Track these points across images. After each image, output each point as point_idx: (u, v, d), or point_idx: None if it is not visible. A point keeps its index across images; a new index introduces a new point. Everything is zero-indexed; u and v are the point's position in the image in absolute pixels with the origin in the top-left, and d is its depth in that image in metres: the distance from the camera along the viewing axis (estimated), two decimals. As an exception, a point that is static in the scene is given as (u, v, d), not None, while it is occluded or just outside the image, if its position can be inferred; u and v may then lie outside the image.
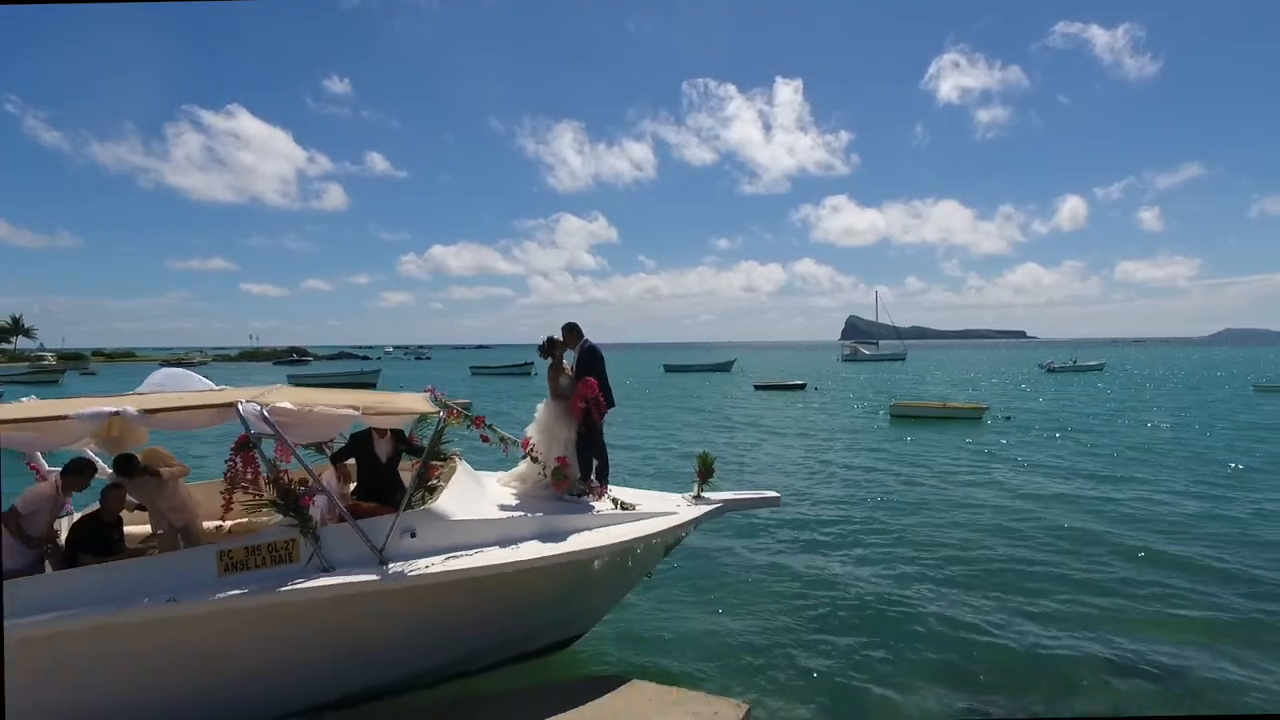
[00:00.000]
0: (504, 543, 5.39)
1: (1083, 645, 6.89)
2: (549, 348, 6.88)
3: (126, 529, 5.70)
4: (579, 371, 6.76)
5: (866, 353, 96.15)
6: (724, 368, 67.21)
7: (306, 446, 6.05)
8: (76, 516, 5.60)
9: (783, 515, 11.58)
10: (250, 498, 5.04)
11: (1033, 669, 6.46)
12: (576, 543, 5.55)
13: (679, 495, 6.82)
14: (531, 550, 5.35)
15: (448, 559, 5.07)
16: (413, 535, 5.10)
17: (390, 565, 4.90)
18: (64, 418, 4.64)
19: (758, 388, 44.20)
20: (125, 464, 5.45)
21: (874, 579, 8.78)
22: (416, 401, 6.15)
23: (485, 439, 5.82)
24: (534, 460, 6.22)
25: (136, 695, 4.57)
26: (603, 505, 6.19)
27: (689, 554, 9.30)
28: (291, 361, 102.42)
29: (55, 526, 5.36)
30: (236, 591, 4.55)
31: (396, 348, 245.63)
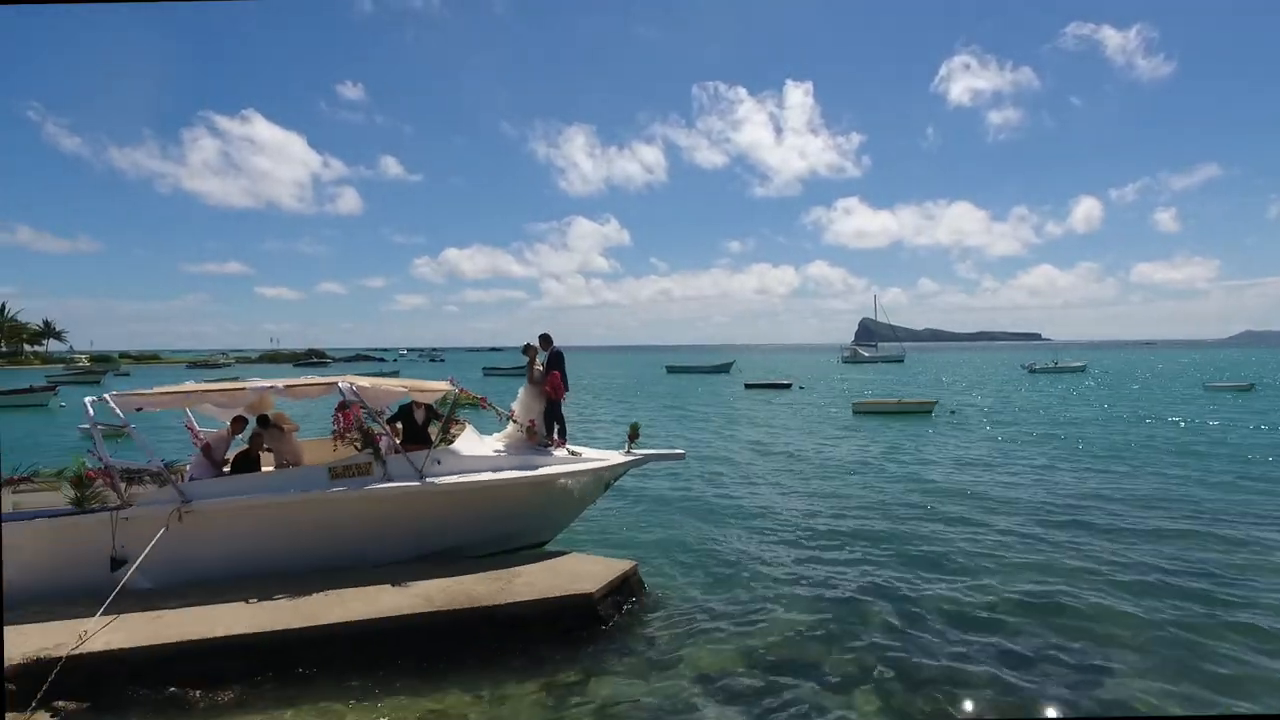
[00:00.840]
0: (494, 470, 8.81)
1: (889, 582, 10.22)
2: (528, 349, 10.29)
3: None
4: (548, 367, 10.16)
5: (866, 355, 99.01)
6: (723, 369, 70.50)
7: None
8: (234, 453, 9.06)
9: (715, 473, 14.96)
10: (347, 441, 8.47)
11: (839, 604, 9.79)
12: (540, 472, 8.95)
13: (616, 451, 10.20)
14: (510, 474, 8.76)
15: (459, 477, 8.49)
16: (438, 463, 8.51)
17: (425, 479, 8.32)
18: (243, 389, 8.11)
19: (748, 386, 47.47)
20: (264, 420, 8.91)
21: (756, 508, 12.15)
22: (441, 385, 9.59)
23: (485, 406, 9.28)
24: (514, 424, 9.63)
25: (285, 545, 7.99)
26: (560, 453, 9.57)
27: (649, 496, 12.69)
28: (311, 364, 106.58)
29: (225, 456, 8.83)
30: (339, 489, 7.99)
31: (411, 350, 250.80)
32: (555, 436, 9.94)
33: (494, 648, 6.86)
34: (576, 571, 8.11)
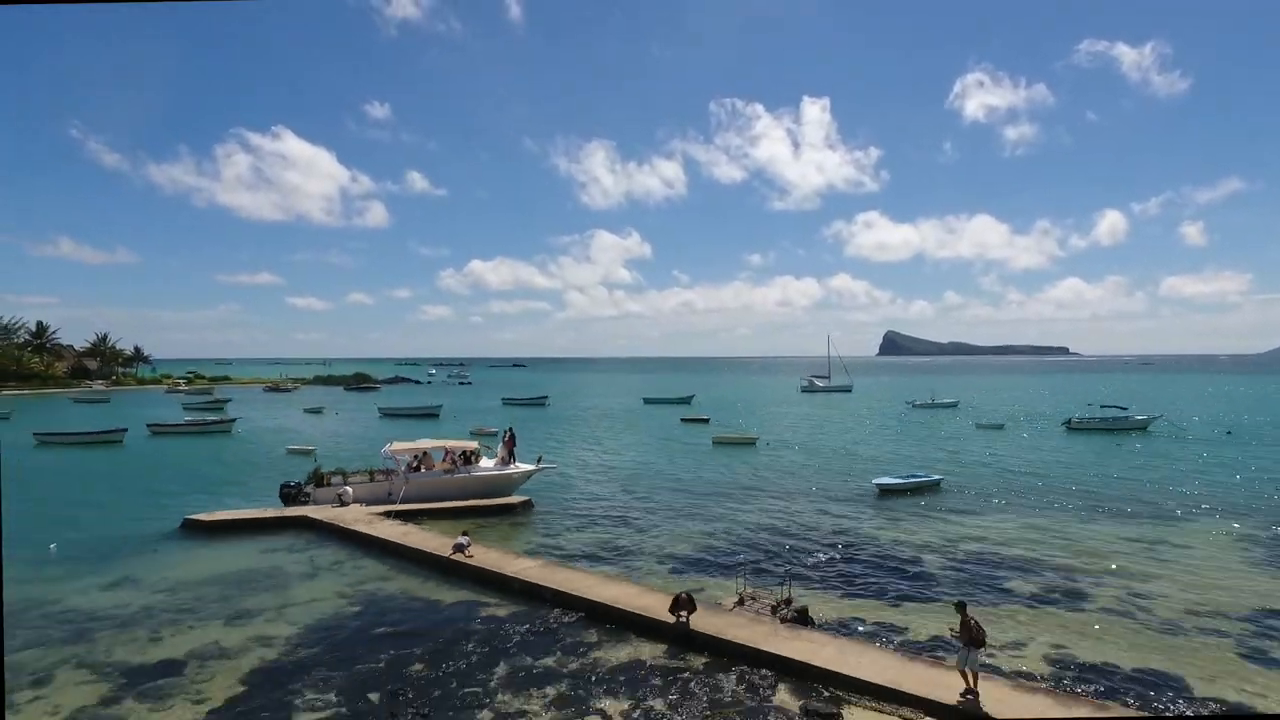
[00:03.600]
0: (494, 470, 29.07)
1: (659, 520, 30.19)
2: (508, 439, 30.59)
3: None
4: (510, 442, 30.41)
5: (820, 385, 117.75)
6: (686, 400, 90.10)
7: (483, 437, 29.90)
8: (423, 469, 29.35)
9: (578, 473, 34.96)
10: (447, 461, 28.80)
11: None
12: (507, 471, 29.16)
13: (531, 464, 30.35)
14: (498, 472, 29.00)
15: (484, 473, 28.73)
16: (475, 468, 28.78)
17: (473, 473, 28.58)
18: (418, 447, 28.54)
19: (683, 420, 67.10)
20: (421, 456, 29.21)
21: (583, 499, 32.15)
22: (472, 444, 30.10)
23: (509, 444, 29.85)
24: (500, 454, 29.88)
25: (432, 493, 28.21)
26: (513, 466, 29.75)
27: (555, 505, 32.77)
28: (361, 389, 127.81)
29: (414, 466, 29.16)
30: (447, 476, 28.25)
31: (439, 367, 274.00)
32: (513, 460, 30.21)
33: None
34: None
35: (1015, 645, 14.93)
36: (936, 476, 33.12)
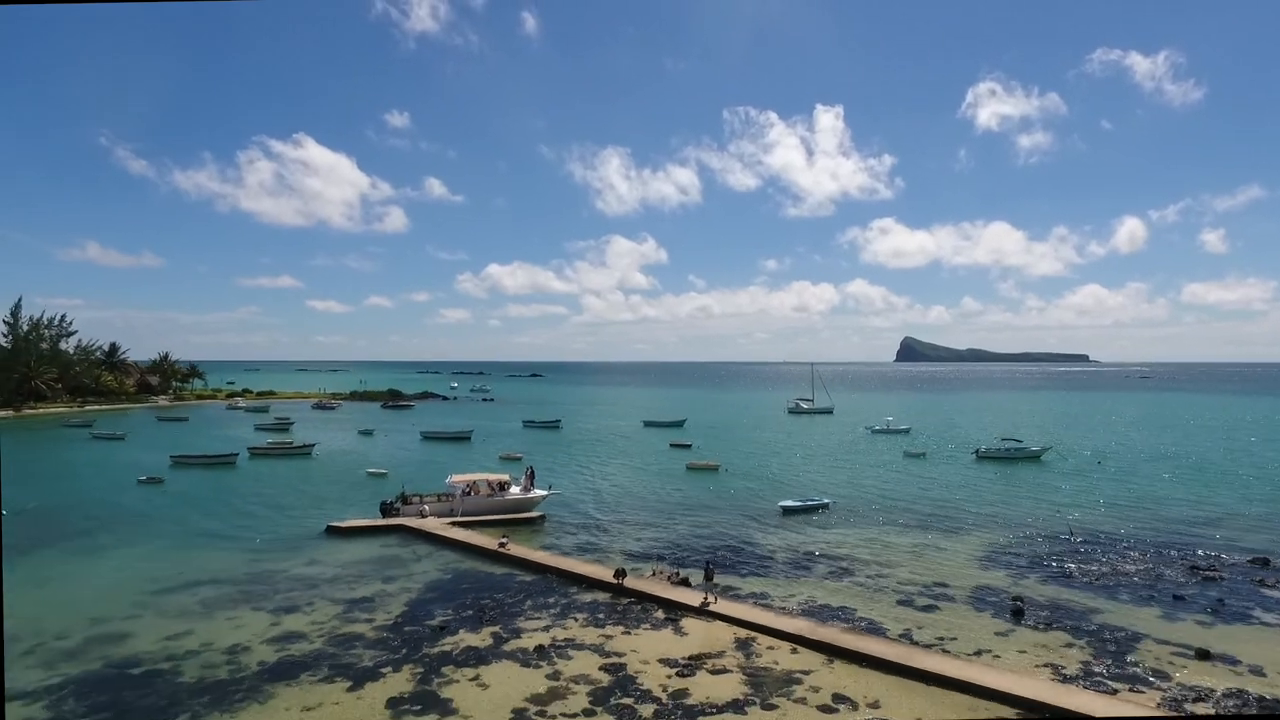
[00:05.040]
0: (518, 494, 43.65)
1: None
2: (528, 472, 45.24)
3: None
4: (531, 475, 44.99)
5: (805, 407, 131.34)
6: (679, 424, 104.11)
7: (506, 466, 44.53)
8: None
9: (578, 503, 49.45)
10: (491, 488, 43.47)
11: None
12: (529, 495, 43.70)
13: (544, 490, 44.89)
14: (523, 496, 43.55)
15: (513, 496, 43.30)
16: (509, 492, 43.34)
17: (506, 496, 43.15)
18: (475, 480, 43.24)
19: (673, 445, 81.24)
20: (471, 485, 43.80)
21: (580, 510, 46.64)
22: (505, 476, 44.72)
23: (529, 478, 44.50)
24: (523, 481, 44.44)
25: (480, 510, 42.78)
26: (533, 490, 44.26)
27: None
28: (397, 407, 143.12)
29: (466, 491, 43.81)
30: (491, 499, 42.86)
31: (458, 376, 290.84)
32: (532, 488, 44.78)
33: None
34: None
35: (789, 596, 29.07)
36: (828, 500, 47.11)
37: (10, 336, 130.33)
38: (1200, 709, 20.03)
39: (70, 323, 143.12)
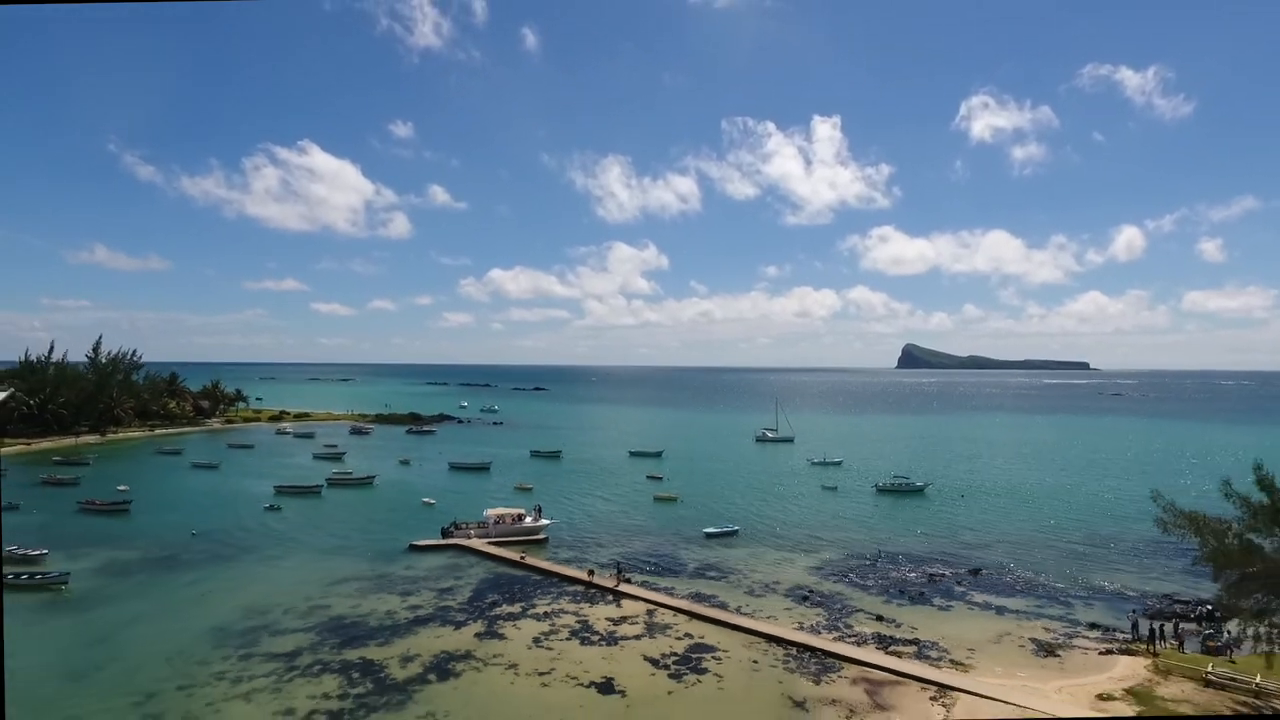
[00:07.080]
0: (530, 523, 66.35)
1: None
2: (536, 507, 68.09)
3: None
4: (539, 510, 67.76)
5: (770, 436, 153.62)
6: (657, 455, 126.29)
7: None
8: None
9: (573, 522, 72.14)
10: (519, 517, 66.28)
11: (581, 538, 67.09)
12: (539, 524, 66.38)
13: (548, 520, 67.59)
14: (535, 524, 66.21)
15: (527, 524, 65.97)
16: (533, 520, 66.03)
17: (525, 524, 65.84)
18: (505, 515, 66.06)
19: (649, 477, 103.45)
20: (495, 516, 66.59)
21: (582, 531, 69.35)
22: (519, 510, 67.51)
23: (537, 510, 67.34)
24: (532, 514, 67.14)
25: (505, 533, 65.44)
26: (540, 522, 66.91)
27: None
28: (420, 432, 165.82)
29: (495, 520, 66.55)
30: (513, 525, 65.60)
31: (466, 391, 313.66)
32: (540, 518, 67.54)
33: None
34: (540, 537, 66.12)
35: (685, 587, 51.58)
36: (735, 527, 69.46)
37: (94, 370, 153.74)
38: (863, 652, 42.61)
39: (140, 356, 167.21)
